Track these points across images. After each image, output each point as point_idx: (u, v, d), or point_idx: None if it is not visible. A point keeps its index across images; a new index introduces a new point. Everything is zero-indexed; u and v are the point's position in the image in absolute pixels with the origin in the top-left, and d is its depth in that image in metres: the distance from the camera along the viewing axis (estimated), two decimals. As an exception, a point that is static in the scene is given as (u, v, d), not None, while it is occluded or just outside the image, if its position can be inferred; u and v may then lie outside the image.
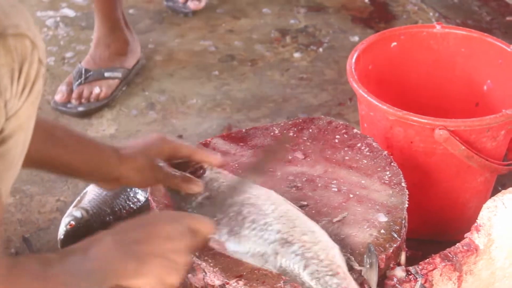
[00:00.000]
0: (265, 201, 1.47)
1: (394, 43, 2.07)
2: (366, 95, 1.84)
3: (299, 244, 1.40)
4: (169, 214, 1.44)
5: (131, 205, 1.98)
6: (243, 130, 1.81)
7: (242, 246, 1.43)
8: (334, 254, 1.41)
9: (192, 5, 2.95)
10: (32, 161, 1.30)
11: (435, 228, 1.96)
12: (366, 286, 1.44)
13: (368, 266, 1.43)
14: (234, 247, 1.43)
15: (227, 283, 1.42)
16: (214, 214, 1.42)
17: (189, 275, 1.47)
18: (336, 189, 1.64)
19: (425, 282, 1.50)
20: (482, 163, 1.83)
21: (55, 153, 1.40)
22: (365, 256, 1.44)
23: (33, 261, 1.15)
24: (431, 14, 3.00)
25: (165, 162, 1.50)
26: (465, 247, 1.57)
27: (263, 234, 1.42)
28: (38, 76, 1.10)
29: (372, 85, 1.95)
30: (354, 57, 1.94)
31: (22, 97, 1.09)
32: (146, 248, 1.25)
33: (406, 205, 1.59)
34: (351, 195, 1.62)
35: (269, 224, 1.42)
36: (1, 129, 1.08)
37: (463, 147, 1.79)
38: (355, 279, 1.42)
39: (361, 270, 1.44)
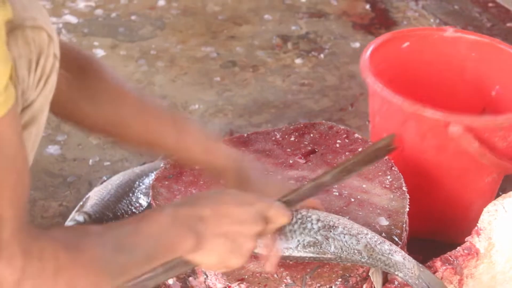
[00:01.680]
0: None
1: (406, 43, 2.07)
2: (381, 89, 1.80)
3: (342, 226, 1.44)
4: (244, 196, 1.27)
5: (134, 210, 1.98)
6: (245, 135, 1.82)
7: (291, 242, 1.44)
8: (368, 229, 1.46)
9: None
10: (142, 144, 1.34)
11: (439, 229, 1.96)
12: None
13: (373, 268, 1.45)
14: (283, 244, 1.44)
15: (229, 287, 1.43)
16: None
17: (190, 278, 1.48)
18: (337, 193, 1.64)
19: (426, 285, 1.51)
20: (495, 162, 1.82)
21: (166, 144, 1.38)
22: None
23: (68, 231, 1.10)
24: (431, 20, 3.02)
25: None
26: (465, 251, 1.57)
27: (306, 225, 1.43)
28: (53, 69, 1.11)
29: (383, 83, 1.95)
30: (368, 52, 1.93)
31: (37, 89, 1.09)
32: (209, 227, 1.17)
33: (407, 209, 1.60)
34: (352, 199, 1.63)
35: (306, 216, 1.44)
36: None
37: (477, 144, 1.78)
38: (360, 281, 1.43)
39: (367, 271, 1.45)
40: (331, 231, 1.43)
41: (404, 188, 1.65)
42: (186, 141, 1.39)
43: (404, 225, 1.57)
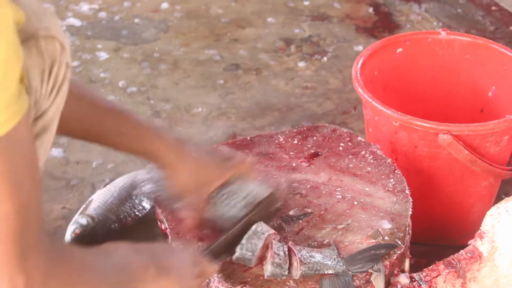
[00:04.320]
0: None
1: (400, 49, 2.08)
2: (371, 100, 1.84)
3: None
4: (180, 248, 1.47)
5: (137, 213, 1.98)
6: (248, 138, 1.82)
7: (218, 210, 1.53)
8: None
9: None
10: (82, 137, 1.39)
11: (439, 232, 1.97)
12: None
13: (375, 272, 1.45)
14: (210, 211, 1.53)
15: (232, 289, 1.43)
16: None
17: (194, 282, 1.48)
18: (340, 196, 1.64)
19: (429, 288, 1.51)
20: (486, 168, 1.84)
21: (108, 136, 1.41)
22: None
23: (72, 246, 1.18)
24: (434, 23, 3.02)
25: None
26: (468, 254, 1.57)
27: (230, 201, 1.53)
28: (65, 78, 1.11)
29: (378, 90, 1.96)
30: (360, 62, 1.95)
31: (50, 99, 1.10)
32: (164, 261, 1.29)
33: (410, 212, 1.60)
34: (355, 202, 1.63)
35: (234, 191, 1.54)
36: None
37: (467, 152, 1.79)
38: (363, 285, 1.44)
39: (370, 275, 1.45)
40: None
41: (407, 191, 1.65)
42: (126, 128, 1.42)
43: (407, 228, 1.56)
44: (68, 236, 1.91)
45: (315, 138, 1.81)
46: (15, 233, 0.98)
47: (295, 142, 1.80)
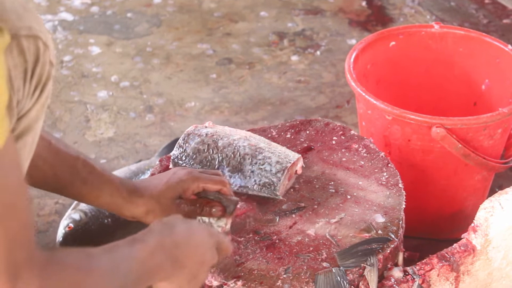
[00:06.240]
0: (256, 140, 1.66)
1: (393, 43, 2.08)
2: (364, 94, 1.84)
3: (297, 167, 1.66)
4: (204, 227, 1.40)
5: (129, 208, 1.98)
6: (241, 132, 1.81)
7: (248, 180, 1.59)
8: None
9: None
10: (49, 185, 1.39)
11: (433, 225, 1.97)
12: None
13: (369, 266, 1.45)
14: (241, 182, 1.60)
15: (225, 284, 1.43)
16: None
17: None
18: (333, 190, 1.64)
19: (423, 282, 1.51)
20: (479, 161, 1.84)
21: (74, 185, 1.42)
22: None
23: (74, 253, 1.13)
24: (428, 17, 3.02)
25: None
26: (462, 248, 1.57)
27: (265, 166, 1.59)
28: (49, 77, 1.11)
29: (371, 84, 1.96)
30: (353, 56, 1.95)
31: (33, 98, 1.09)
32: (182, 255, 1.27)
33: (403, 206, 1.60)
34: (349, 196, 1.63)
35: (267, 157, 1.61)
36: (12, 128, 1.08)
37: (460, 145, 1.79)
38: (356, 279, 1.44)
39: (363, 269, 1.45)
40: (283, 174, 1.59)
41: (400, 185, 1.65)
42: (97, 187, 1.43)
43: (400, 222, 1.56)
44: (61, 231, 1.90)
45: (308, 132, 1.81)
46: (5, 251, 0.97)
47: (288, 136, 1.80)
